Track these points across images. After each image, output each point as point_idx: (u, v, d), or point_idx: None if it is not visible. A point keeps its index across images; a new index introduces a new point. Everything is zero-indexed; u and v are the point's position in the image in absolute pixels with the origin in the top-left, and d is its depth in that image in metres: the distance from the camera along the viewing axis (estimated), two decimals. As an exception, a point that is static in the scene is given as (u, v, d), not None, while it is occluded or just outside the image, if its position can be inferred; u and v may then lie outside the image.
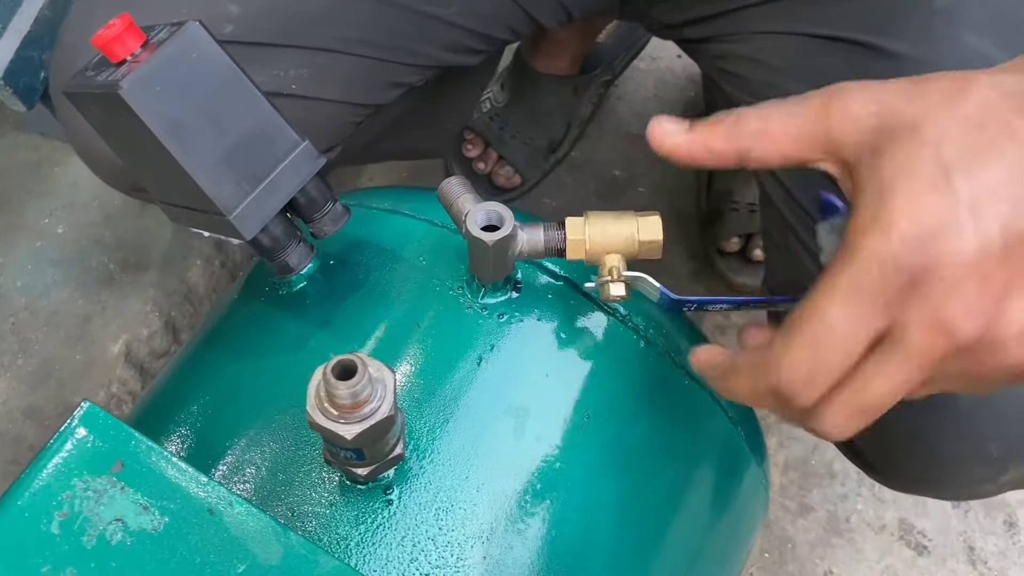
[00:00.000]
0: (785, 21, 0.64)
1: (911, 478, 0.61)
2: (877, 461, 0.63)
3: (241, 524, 0.38)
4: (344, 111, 0.66)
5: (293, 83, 0.62)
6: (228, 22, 0.59)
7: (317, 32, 0.62)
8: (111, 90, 0.39)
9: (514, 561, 0.44)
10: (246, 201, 0.43)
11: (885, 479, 0.64)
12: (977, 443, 0.55)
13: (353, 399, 0.37)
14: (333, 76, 0.64)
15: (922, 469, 0.59)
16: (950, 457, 0.57)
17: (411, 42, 0.67)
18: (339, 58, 0.64)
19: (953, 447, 0.56)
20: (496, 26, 0.71)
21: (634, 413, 0.50)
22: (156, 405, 0.53)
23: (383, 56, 0.66)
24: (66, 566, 0.37)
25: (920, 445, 0.57)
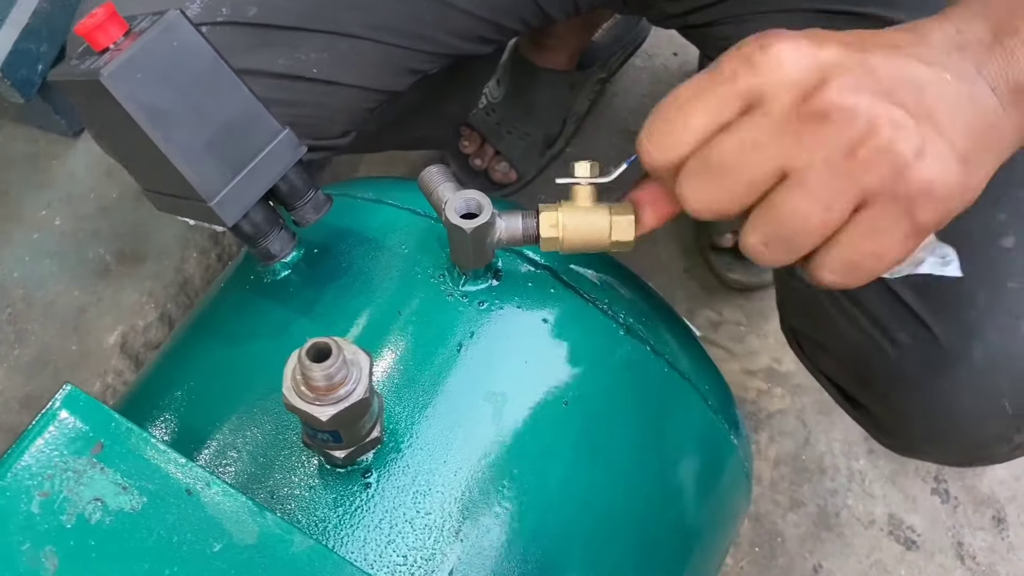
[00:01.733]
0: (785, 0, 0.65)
1: (922, 437, 0.61)
2: (886, 419, 0.63)
3: (218, 504, 0.39)
4: (361, 97, 0.67)
5: (314, 67, 0.63)
6: (252, 4, 0.59)
7: (339, 17, 0.63)
8: (92, 77, 0.40)
9: (491, 544, 0.45)
10: (227, 188, 0.44)
11: (898, 442, 0.64)
12: (992, 400, 0.55)
13: (328, 381, 0.38)
14: (352, 61, 0.64)
15: (934, 426, 0.59)
16: (964, 416, 0.57)
17: (428, 29, 0.68)
18: (359, 43, 0.64)
19: (968, 405, 0.56)
20: (508, 16, 0.72)
21: (613, 400, 0.50)
22: (143, 391, 0.54)
23: (401, 43, 0.67)
24: (46, 544, 0.37)
25: (934, 406, 0.57)
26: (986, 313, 0.54)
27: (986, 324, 0.54)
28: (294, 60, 0.62)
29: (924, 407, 0.58)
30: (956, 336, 0.55)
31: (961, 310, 0.55)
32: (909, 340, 0.57)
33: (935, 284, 0.55)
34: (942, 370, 0.56)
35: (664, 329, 0.54)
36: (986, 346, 0.54)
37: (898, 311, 0.57)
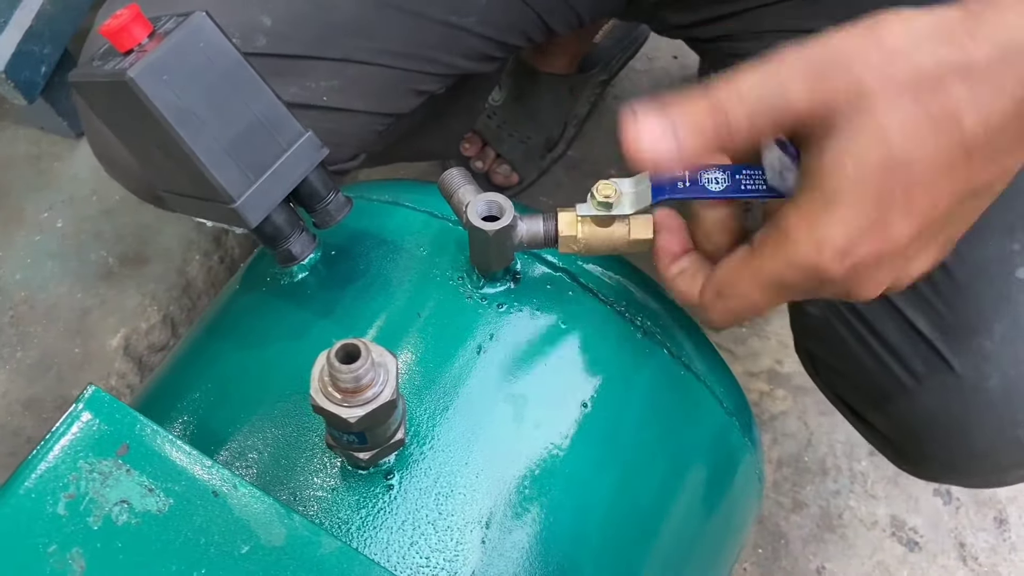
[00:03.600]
0: (795, 19, 0.65)
1: (941, 466, 0.62)
2: (906, 449, 0.63)
3: (245, 506, 0.39)
4: (370, 121, 0.67)
5: (324, 95, 0.63)
6: (262, 34, 0.60)
7: (346, 43, 0.63)
8: (119, 78, 0.40)
9: (512, 545, 0.45)
10: (251, 189, 0.44)
11: (914, 468, 0.65)
12: (1008, 431, 0.56)
13: (356, 383, 0.38)
14: (361, 87, 0.65)
15: (952, 457, 0.59)
16: (980, 444, 0.57)
17: (434, 51, 0.68)
18: (367, 69, 0.65)
19: (984, 435, 0.57)
20: (513, 33, 0.72)
21: (630, 402, 0.50)
22: (158, 393, 0.54)
23: (408, 66, 0.67)
24: (72, 546, 0.37)
25: (951, 436, 0.58)
26: (1002, 344, 0.55)
27: (1002, 355, 0.55)
28: (304, 89, 0.62)
29: (940, 436, 0.59)
30: (972, 367, 0.55)
31: (977, 341, 0.55)
32: (925, 370, 0.58)
33: (951, 314, 0.56)
34: (958, 400, 0.56)
35: (680, 332, 0.55)
36: (1002, 377, 0.55)
37: (914, 340, 0.58)
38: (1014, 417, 0.56)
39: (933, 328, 0.57)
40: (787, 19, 0.66)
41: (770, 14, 0.67)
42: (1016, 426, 0.56)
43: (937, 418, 0.58)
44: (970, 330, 0.56)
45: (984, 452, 0.58)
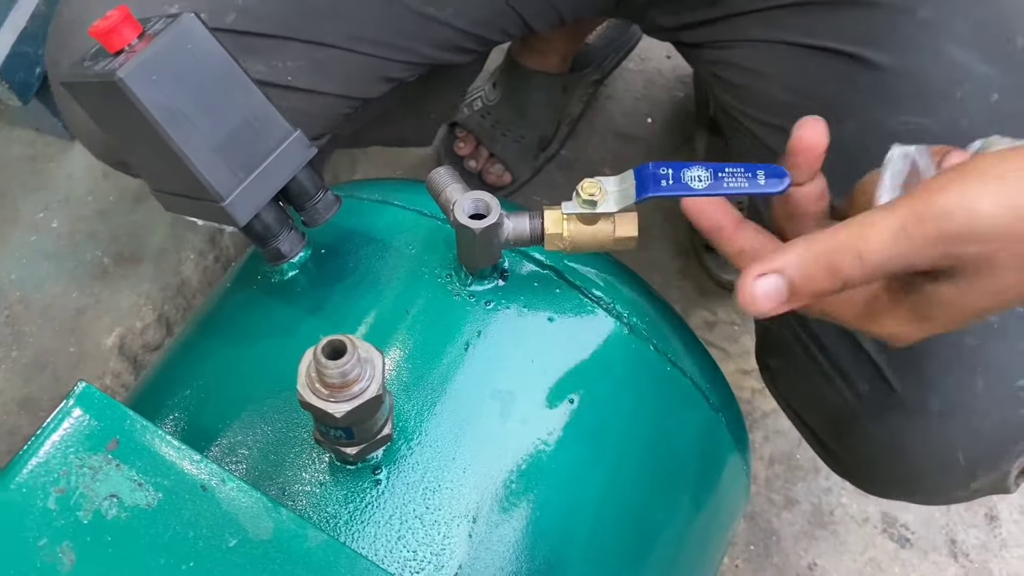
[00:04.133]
0: (776, 30, 0.66)
1: (885, 483, 0.63)
2: (853, 468, 0.65)
3: (233, 500, 0.39)
4: (337, 103, 0.67)
5: (289, 75, 0.63)
6: (232, 10, 0.60)
7: (318, 27, 0.63)
8: (109, 78, 0.41)
9: (499, 540, 0.45)
10: (239, 188, 0.44)
11: (862, 484, 0.66)
12: (947, 452, 0.57)
13: (342, 378, 0.39)
14: (329, 70, 0.65)
15: (895, 476, 0.61)
16: (920, 465, 0.59)
17: (406, 40, 0.68)
18: (336, 53, 0.65)
19: (923, 457, 0.58)
20: (489, 28, 0.72)
21: (617, 398, 0.51)
22: (150, 390, 0.55)
23: (378, 53, 0.67)
24: (62, 540, 0.38)
25: (892, 453, 0.59)
26: (944, 368, 0.56)
27: (943, 378, 0.56)
28: (271, 68, 0.62)
29: (882, 455, 0.60)
30: (913, 389, 0.56)
31: (920, 364, 0.56)
32: (868, 388, 0.59)
33: None
34: (899, 421, 0.57)
35: (667, 329, 0.55)
36: (942, 400, 0.56)
37: (860, 359, 0.59)
38: (952, 441, 0.56)
39: (879, 349, 0.58)
40: (773, 29, 0.66)
41: (756, 22, 0.67)
42: (954, 448, 0.57)
43: (879, 438, 0.59)
44: (914, 353, 0.56)
45: (923, 472, 0.59)
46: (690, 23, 0.72)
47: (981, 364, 0.55)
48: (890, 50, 0.59)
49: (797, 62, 0.63)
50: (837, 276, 0.39)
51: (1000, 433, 0.56)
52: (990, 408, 0.55)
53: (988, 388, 0.55)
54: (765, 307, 0.40)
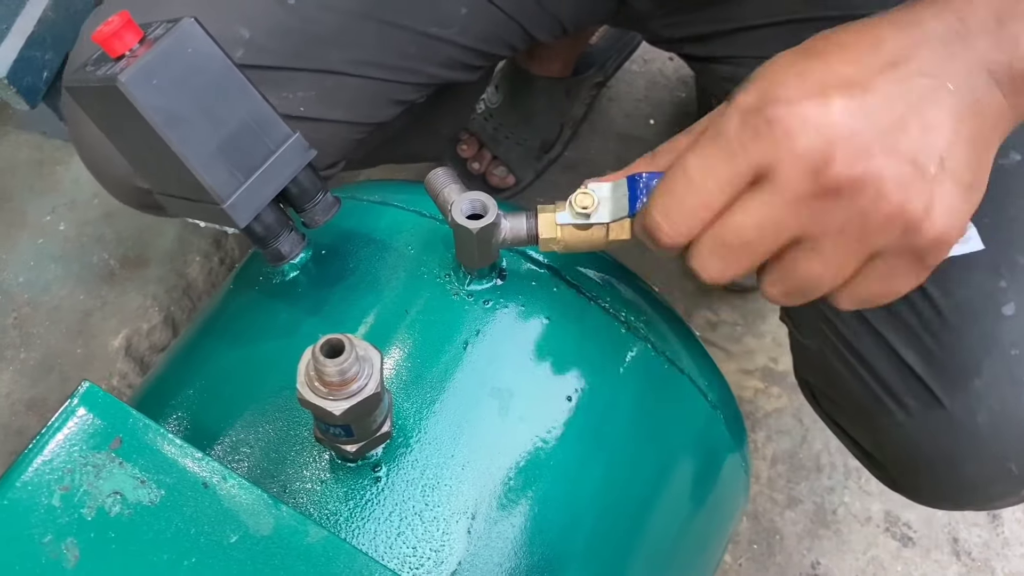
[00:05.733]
0: (785, 45, 0.66)
1: (933, 495, 0.63)
2: (900, 478, 0.65)
3: (234, 497, 0.40)
4: (349, 130, 0.68)
5: (301, 105, 0.64)
6: (240, 46, 0.61)
7: (325, 55, 0.64)
8: (110, 83, 0.41)
9: (498, 536, 0.46)
10: (239, 190, 0.45)
11: (912, 496, 0.66)
12: (998, 463, 0.57)
13: (341, 376, 0.39)
14: (339, 97, 0.66)
15: (947, 489, 0.61)
16: (972, 478, 0.59)
17: (414, 62, 0.69)
18: (345, 80, 0.66)
19: (974, 469, 0.58)
20: (494, 43, 0.73)
21: (615, 396, 0.51)
22: (154, 390, 0.55)
23: (387, 76, 0.68)
24: (67, 536, 0.38)
25: (944, 467, 0.59)
26: (990, 381, 0.56)
27: (990, 391, 0.56)
28: (281, 100, 0.63)
29: (931, 468, 0.60)
30: (961, 403, 0.57)
31: (965, 377, 0.57)
32: (917, 405, 0.59)
33: (940, 351, 0.57)
34: (948, 436, 0.58)
35: (664, 327, 0.56)
36: (990, 413, 0.56)
37: (905, 376, 0.59)
38: (1003, 451, 0.57)
39: (924, 364, 0.58)
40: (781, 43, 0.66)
41: (764, 38, 0.67)
42: (1005, 459, 0.57)
43: (928, 451, 0.59)
44: (959, 368, 0.57)
45: (974, 484, 0.59)
46: (695, 36, 0.72)
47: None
48: None
49: None
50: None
51: None
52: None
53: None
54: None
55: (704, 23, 0.71)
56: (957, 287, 0.57)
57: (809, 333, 0.66)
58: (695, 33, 0.72)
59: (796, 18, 0.65)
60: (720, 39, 0.71)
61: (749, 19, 0.68)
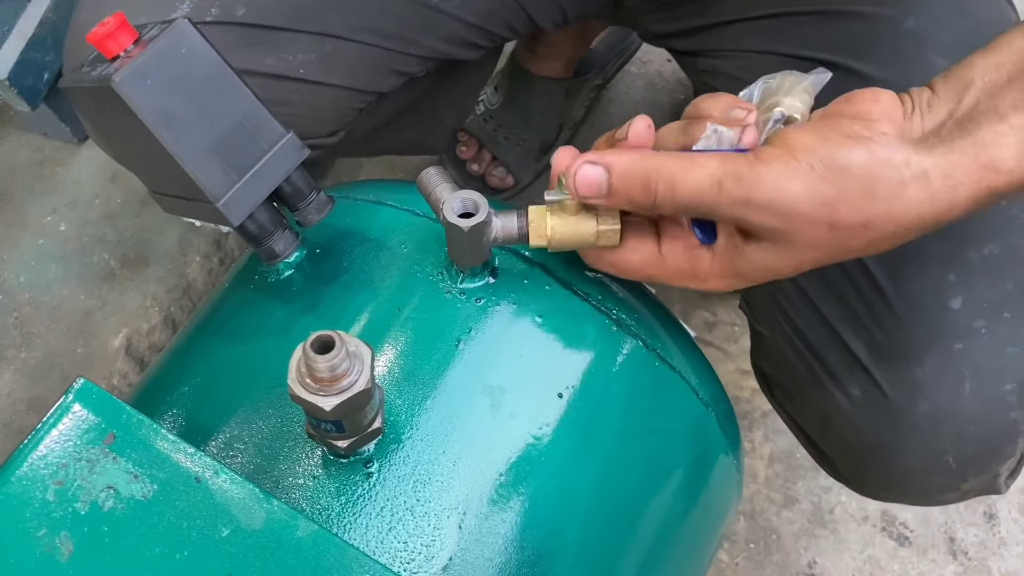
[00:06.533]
0: (765, 40, 0.67)
1: (878, 486, 0.64)
2: (846, 471, 0.66)
3: (226, 491, 0.40)
4: (348, 96, 0.68)
5: (301, 67, 0.64)
6: (241, 5, 0.61)
7: (325, 18, 0.64)
8: (104, 84, 0.42)
9: (488, 531, 0.46)
10: (233, 189, 0.46)
11: (855, 487, 0.68)
12: (936, 455, 0.58)
13: (331, 372, 0.40)
14: (338, 62, 0.66)
15: (887, 479, 0.62)
16: (911, 469, 0.60)
17: (413, 32, 0.69)
18: (344, 44, 0.66)
19: (914, 460, 0.59)
20: (495, 22, 0.74)
21: (606, 393, 0.52)
22: (151, 387, 0.56)
23: (386, 44, 0.68)
24: (60, 530, 0.39)
25: (883, 458, 0.60)
26: (932, 373, 0.57)
27: (932, 383, 0.57)
28: (281, 60, 0.63)
29: (873, 458, 0.61)
30: (903, 393, 0.58)
31: (909, 368, 0.57)
32: (860, 394, 0.60)
33: (887, 341, 0.58)
34: (890, 425, 0.59)
35: (655, 324, 0.56)
36: (931, 404, 0.57)
37: (851, 364, 0.60)
38: (941, 443, 0.58)
39: (869, 354, 0.59)
40: (763, 38, 0.67)
41: (747, 32, 0.68)
42: (943, 452, 0.58)
43: (870, 440, 0.60)
44: (904, 358, 0.58)
45: (914, 475, 0.60)
46: (682, 30, 0.73)
47: (969, 369, 0.56)
48: (877, 61, 0.61)
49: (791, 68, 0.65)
50: (649, 193, 0.44)
51: (988, 436, 0.57)
52: (977, 412, 0.57)
53: (975, 392, 0.56)
54: (583, 191, 0.46)
55: (687, 18, 0.72)
56: (907, 280, 0.57)
57: (765, 321, 0.67)
58: (680, 28, 0.73)
59: (773, 13, 0.66)
60: (702, 34, 0.71)
61: (726, 15, 0.68)
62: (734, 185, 0.43)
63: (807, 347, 0.63)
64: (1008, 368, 0.56)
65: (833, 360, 0.61)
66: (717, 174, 0.43)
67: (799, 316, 0.63)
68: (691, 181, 0.43)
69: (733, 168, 0.43)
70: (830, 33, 0.63)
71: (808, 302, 0.62)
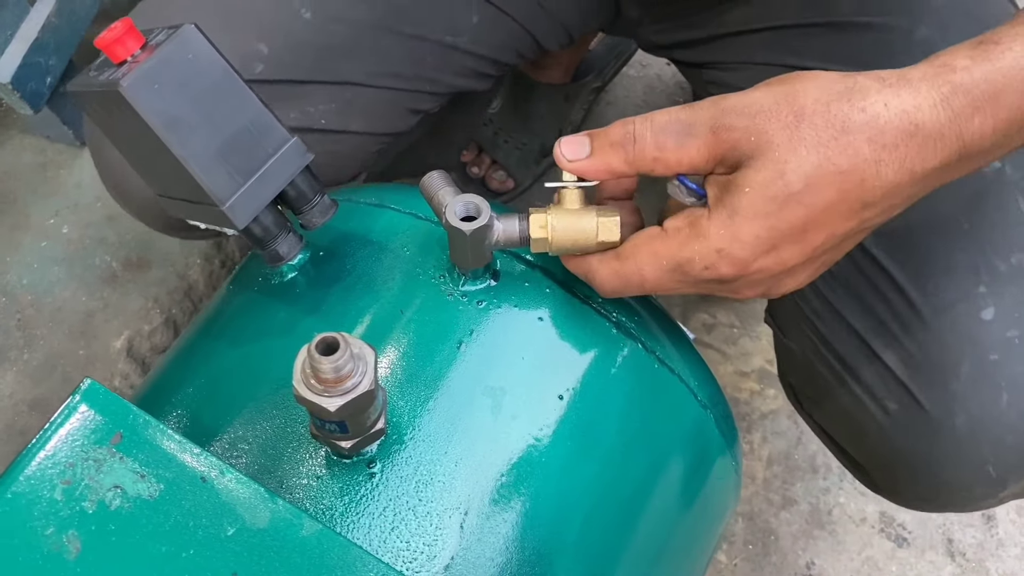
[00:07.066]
0: (773, 52, 0.67)
1: (917, 497, 0.64)
2: (881, 479, 0.66)
3: (231, 491, 0.41)
4: (368, 141, 0.69)
5: (322, 118, 0.65)
6: (259, 61, 0.62)
7: (343, 67, 0.65)
8: (112, 88, 0.42)
9: (490, 531, 0.47)
10: (239, 192, 0.46)
11: (893, 497, 0.68)
12: (977, 466, 0.58)
13: (336, 373, 0.40)
14: (358, 109, 0.67)
15: (927, 490, 0.62)
16: (952, 480, 0.60)
17: (429, 71, 0.70)
18: (363, 91, 0.67)
19: (954, 472, 0.59)
20: (505, 51, 0.74)
21: (605, 394, 0.52)
22: (156, 388, 0.56)
23: (403, 86, 0.69)
24: (68, 529, 0.39)
25: (923, 469, 0.60)
26: (969, 384, 0.57)
27: (969, 395, 0.57)
28: (303, 113, 0.64)
29: (912, 470, 0.61)
30: (941, 406, 0.58)
31: (946, 381, 0.58)
32: (896, 407, 0.60)
33: (920, 354, 0.59)
34: (928, 438, 0.59)
35: (655, 327, 0.57)
36: (969, 416, 0.57)
37: (887, 379, 0.60)
38: (981, 454, 0.58)
39: (904, 367, 0.59)
40: (771, 51, 0.67)
41: (753, 44, 0.68)
42: (983, 462, 0.58)
43: (908, 453, 0.60)
44: (939, 370, 0.58)
45: (954, 486, 0.60)
46: (684, 41, 0.73)
47: (1005, 379, 0.57)
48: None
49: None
50: (629, 133, 0.46)
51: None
52: (1015, 422, 0.57)
53: (1012, 402, 0.57)
54: (567, 153, 0.48)
55: (690, 30, 0.72)
56: (937, 291, 0.58)
57: (792, 335, 0.67)
58: (682, 39, 0.74)
59: (781, 24, 0.66)
60: (705, 45, 0.72)
61: (732, 27, 0.69)
62: (697, 104, 0.45)
63: (839, 360, 0.63)
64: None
65: (866, 373, 0.61)
66: (679, 106, 0.46)
67: (827, 327, 0.63)
68: (661, 114, 0.45)
69: (692, 101, 0.46)
70: (841, 45, 0.64)
71: (835, 313, 0.62)
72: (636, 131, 0.46)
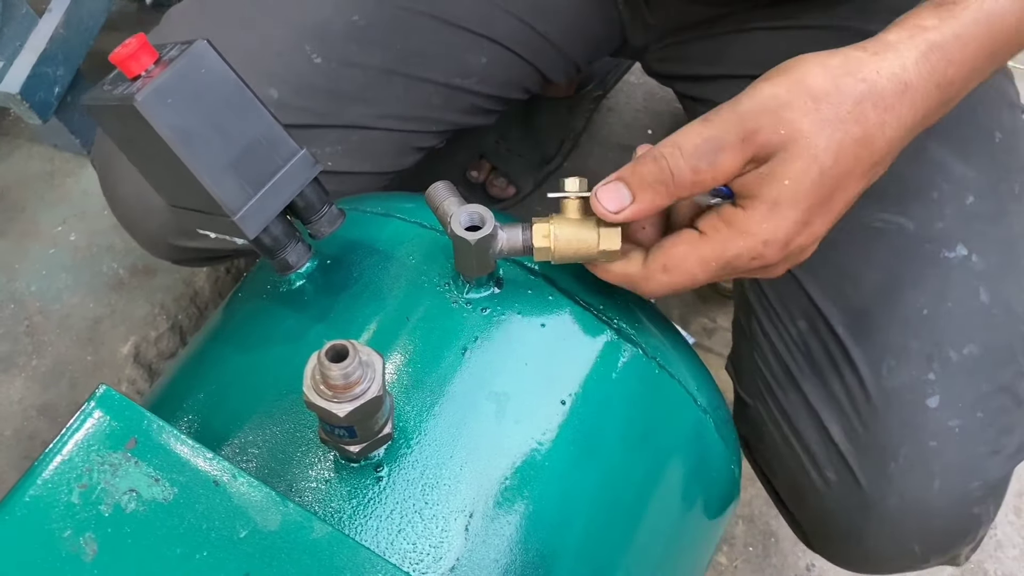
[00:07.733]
0: None
1: (843, 559, 0.68)
2: (813, 540, 0.70)
3: (243, 494, 0.42)
4: (373, 180, 0.70)
5: (329, 160, 0.66)
6: (269, 105, 0.63)
7: (351, 111, 0.66)
8: (127, 102, 0.44)
9: (494, 533, 0.48)
10: (249, 203, 0.47)
11: (820, 552, 0.71)
12: (903, 544, 0.61)
13: (345, 380, 0.41)
14: (364, 150, 0.68)
15: (853, 555, 0.66)
16: (877, 552, 0.63)
17: (436, 112, 0.71)
18: (370, 133, 0.68)
19: (881, 546, 0.62)
20: (512, 88, 0.76)
21: (607, 399, 0.54)
22: (167, 393, 0.57)
23: (410, 127, 0.70)
24: (85, 531, 0.40)
25: (854, 540, 0.63)
26: (906, 467, 0.59)
27: (904, 478, 0.59)
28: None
29: (842, 537, 0.64)
30: (876, 484, 0.60)
31: (884, 462, 0.60)
32: (836, 479, 0.63)
33: (864, 432, 0.61)
34: (862, 512, 0.61)
35: (655, 333, 0.58)
36: (901, 498, 0.60)
37: (830, 448, 0.62)
38: (908, 534, 0.61)
39: (848, 442, 0.61)
40: None
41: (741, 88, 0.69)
42: (909, 541, 0.61)
43: (840, 523, 0.63)
44: (879, 451, 0.60)
45: (879, 557, 0.63)
46: (687, 75, 0.74)
47: (940, 466, 0.59)
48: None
49: None
50: (664, 169, 0.46)
51: (952, 528, 0.61)
52: (944, 508, 0.59)
53: (944, 489, 0.59)
54: (610, 206, 0.48)
55: (691, 63, 0.74)
56: (888, 374, 0.60)
57: (748, 389, 0.70)
58: (684, 73, 0.75)
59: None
60: (708, 83, 0.73)
61: (736, 68, 0.70)
62: (717, 113, 0.46)
63: (787, 422, 0.65)
64: (977, 467, 0.59)
65: (813, 442, 0.63)
66: (701, 121, 0.47)
67: (781, 390, 0.65)
68: (687, 135, 0.46)
69: (710, 113, 0.47)
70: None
71: (791, 378, 0.65)
72: (671, 165, 0.46)
